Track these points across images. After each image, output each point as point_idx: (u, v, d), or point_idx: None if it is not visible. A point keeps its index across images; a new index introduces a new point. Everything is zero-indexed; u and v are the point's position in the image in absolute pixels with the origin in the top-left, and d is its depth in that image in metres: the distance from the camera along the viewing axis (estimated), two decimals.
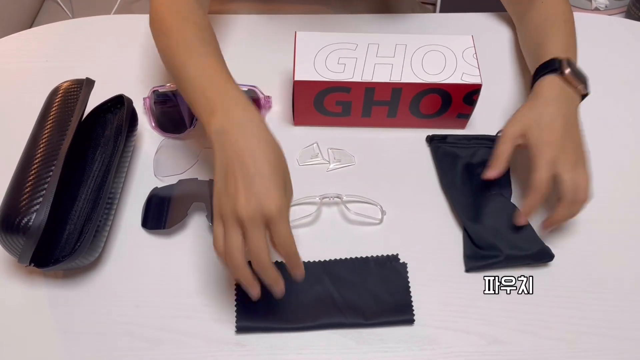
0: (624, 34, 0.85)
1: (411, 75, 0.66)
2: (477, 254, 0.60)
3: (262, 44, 0.68)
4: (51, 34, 0.84)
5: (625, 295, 0.59)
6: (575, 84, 0.63)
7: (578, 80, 0.63)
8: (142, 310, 0.57)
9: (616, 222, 0.65)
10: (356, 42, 0.69)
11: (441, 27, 0.84)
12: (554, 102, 0.62)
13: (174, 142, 0.69)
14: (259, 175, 0.47)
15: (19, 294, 0.58)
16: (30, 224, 0.52)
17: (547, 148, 0.58)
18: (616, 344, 0.56)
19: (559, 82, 0.63)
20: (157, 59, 0.79)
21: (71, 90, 0.64)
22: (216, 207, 0.48)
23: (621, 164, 0.70)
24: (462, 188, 0.65)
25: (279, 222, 0.46)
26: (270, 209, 0.46)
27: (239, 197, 0.46)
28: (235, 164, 0.47)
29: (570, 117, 0.62)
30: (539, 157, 0.58)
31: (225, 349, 0.55)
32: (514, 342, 0.56)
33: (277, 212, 0.46)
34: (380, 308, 0.56)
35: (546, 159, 0.58)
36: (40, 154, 0.57)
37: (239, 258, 0.47)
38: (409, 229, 0.63)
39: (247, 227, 0.46)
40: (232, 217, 0.46)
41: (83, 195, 0.61)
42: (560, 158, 0.58)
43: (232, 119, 0.50)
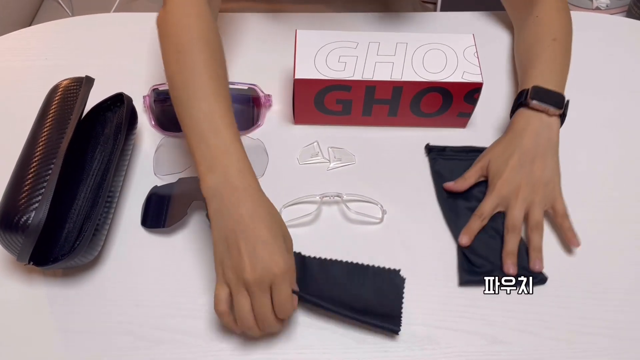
0: (625, 33, 0.85)
1: (412, 74, 0.66)
2: (472, 269, 0.60)
3: (263, 42, 0.68)
4: (51, 32, 0.83)
5: (626, 295, 0.59)
6: (544, 109, 0.64)
7: (547, 104, 0.63)
8: (141, 310, 0.57)
9: (616, 222, 0.64)
10: (357, 40, 0.69)
11: (442, 26, 0.84)
12: (520, 134, 0.64)
13: (173, 141, 0.69)
14: (261, 242, 0.49)
15: (18, 292, 0.58)
16: (29, 222, 0.52)
17: (499, 183, 0.62)
18: (617, 344, 0.56)
19: (528, 112, 0.64)
20: (157, 57, 0.78)
21: (71, 88, 0.64)
22: (219, 271, 0.50)
23: (623, 164, 0.69)
24: (457, 206, 0.64)
25: (281, 284, 0.49)
26: (275, 274, 0.48)
27: (244, 263, 0.48)
28: (237, 231, 0.49)
29: (537, 148, 0.63)
30: (489, 192, 0.63)
31: (225, 349, 0.55)
32: (514, 342, 0.56)
33: (281, 276, 0.49)
34: (369, 312, 0.55)
35: (495, 194, 0.62)
36: (40, 152, 0.57)
37: (251, 320, 0.50)
38: (410, 227, 0.63)
39: (253, 291, 0.49)
40: (238, 282, 0.49)
41: (82, 193, 0.61)
42: (511, 194, 0.62)
43: (229, 182, 0.50)
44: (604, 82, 0.78)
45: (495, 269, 0.60)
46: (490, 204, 0.62)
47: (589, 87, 0.77)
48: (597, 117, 0.74)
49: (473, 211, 0.63)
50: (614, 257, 0.62)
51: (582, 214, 0.64)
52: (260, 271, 0.48)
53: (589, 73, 0.78)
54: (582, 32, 0.72)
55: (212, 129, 0.52)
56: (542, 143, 0.63)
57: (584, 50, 0.80)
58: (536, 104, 0.63)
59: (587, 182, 0.68)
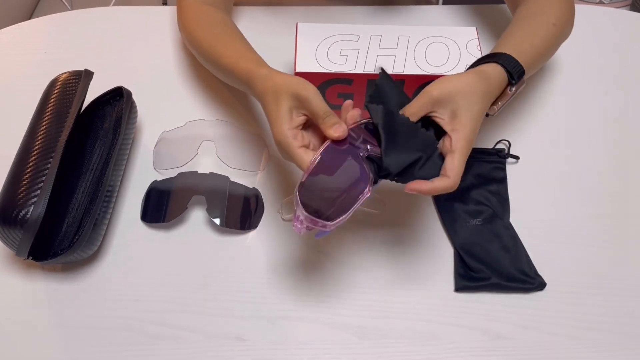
0: (629, 27, 0.84)
1: (414, 67, 0.65)
2: (468, 275, 0.59)
3: (264, 35, 0.68)
4: (50, 26, 0.83)
5: (630, 291, 0.59)
6: (512, 90, 0.57)
7: (517, 87, 0.58)
8: (141, 305, 0.57)
9: (620, 217, 0.64)
10: (358, 33, 0.68)
11: (444, 19, 0.83)
12: (489, 93, 0.55)
13: (173, 135, 0.68)
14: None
15: (17, 287, 0.58)
16: (28, 216, 0.52)
17: (460, 133, 0.51)
18: (620, 340, 0.56)
19: (502, 76, 0.56)
20: (156, 51, 0.78)
21: (69, 82, 0.63)
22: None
23: (627, 159, 0.69)
24: (454, 210, 0.63)
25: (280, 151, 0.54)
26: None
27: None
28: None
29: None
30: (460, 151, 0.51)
31: (225, 344, 0.55)
32: (517, 338, 0.55)
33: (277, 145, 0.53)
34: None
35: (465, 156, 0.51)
36: (38, 146, 0.57)
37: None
38: (411, 219, 0.63)
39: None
40: None
41: (82, 188, 0.61)
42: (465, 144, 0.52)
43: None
44: (608, 75, 0.77)
45: (493, 275, 0.58)
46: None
47: (592, 81, 0.76)
48: (601, 111, 0.73)
49: (470, 214, 0.62)
50: (618, 252, 0.61)
51: (587, 209, 0.64)
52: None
53: (592, 66, 0.78)
54: (585, 25, 0.71)
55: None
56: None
57: (587, 44, 0.80)
58: (514, 88, 0.57)
59: (591, 177, 0.67)
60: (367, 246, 0.61)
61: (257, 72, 0.57)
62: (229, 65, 0.62)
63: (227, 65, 0.62)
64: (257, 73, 0.57)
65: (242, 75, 0.59)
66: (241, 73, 0.60)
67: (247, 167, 0.66)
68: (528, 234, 0.61)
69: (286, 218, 0.63)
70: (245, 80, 0.59)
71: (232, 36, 0.66)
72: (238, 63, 0.61)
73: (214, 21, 0.68)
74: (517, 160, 0.67)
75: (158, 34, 0.80)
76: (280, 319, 0.56)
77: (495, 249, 0.60)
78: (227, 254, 0.60)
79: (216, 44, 0.65)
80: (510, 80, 0.56)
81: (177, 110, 0.71)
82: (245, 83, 0.59)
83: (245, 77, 0.59)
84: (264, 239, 0.62)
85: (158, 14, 0.83)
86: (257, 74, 0.57)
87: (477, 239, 0.61)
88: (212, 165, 0.66)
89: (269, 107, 0.54)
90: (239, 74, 0.60)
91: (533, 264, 0.59)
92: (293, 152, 0.50)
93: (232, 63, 0.61)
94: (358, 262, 0.60)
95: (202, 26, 0.68)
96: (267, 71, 0.57)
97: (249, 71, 0.58)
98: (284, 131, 0.51)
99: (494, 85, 0.55)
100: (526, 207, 0.64)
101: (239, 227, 0.62)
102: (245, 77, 0.59)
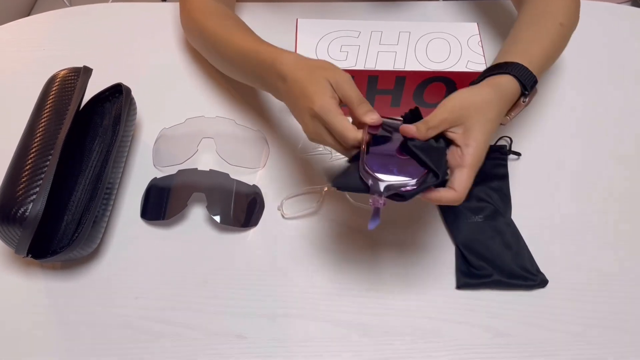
0: (632, 22, 0.83)
1: (415, 63, 0.65)
2: (470, 272, 0.59)
3: (264, 31, 0.68)
4: (49, 22, 0.82)
5: (632, 288, 0.58)
6: (524, 100, 0.58)
7: (529, 97, 0.58)
8: (141, 302, 0.57)
9: (623, 214, 0.64)
10: (359, 29, 0.68)
11: (446, 15, 0.82)
12: (503, 103, 0.55)
13: (173, 132, 0.68)
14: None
15: (16, 285, 0.58)
16: (27, 214, 0.51)
17: (472, 149, 0.50)
18: (622, 337, 0.55)
19: (515, 87, 0.56)
20: (156, 47, 0.78)
21: (68, 79, 0.63)
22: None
23: (631, 156, 0.68)
24: (459, 207, 0.62)
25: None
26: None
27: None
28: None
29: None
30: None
31: (226, 342, 0.54)
32: (519, 335, 0.55)
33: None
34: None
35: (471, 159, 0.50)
36: (37, 143, 0.56)
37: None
38: (412, 216, 0.63)
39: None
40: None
41: (81, 185, 0.61)
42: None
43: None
44: (611, 72, 0.77)
45: (495, 272, 0.58)
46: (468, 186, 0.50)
47: (595, 77, 0.76)
48: (604, 108, 0.73)
49: (472, 211, 0.62)
50: (620, 249, 0.61)
51: (589, 205, 0.63)
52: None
53: (595, 63, 0.77)
54: (588, 21, 0.70)
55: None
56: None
57: (590, 40, 0.79)
58: (527, 99, 0.58)
59: (593, 173, 0.67)
60: (368, 243, 0.61)
61: (285, 53, 0.57)
62: (252, 50, 0.60)
63: (248, 50, 0.61)
64: (287, 54, 0.57)
65: (267, 56, 0.58)
66: (266, 54, 0.58)
67: (248, 164, 0.66)
68: (530, 231, 0.61)
69: (286, 216, 0.62)
70: (271, 61, 0.57)
71: (246, 28, 0.66)
72: (261, 46, 0.60)
73: (224, 15, 0.68)
74: (519, 156, 0.67)
75: (157, 31, 0.80)
76: (281, 316, 0.56)
77: (497, 246, 0.60)
78: (227, 252, 0.60)
79: (232, 33, 0.64)
80: (523, 91, 0.56)
81: (176, 107, 0.71)
82: (270, 63, 0.57)
83: (271, 57, 0.57)
84: (265, 236, 0.61)
85: (157, 11, 0.82)
86: (286, 54, 0.57)
87: (478, 235, 0.61)
88: (212, 163, 0.66)
89: (303, 81, 0.52)
90: (262, 56, 0.58)
91: (535, 261, 0.59)
92: (338, 118, 0.49)
93: (255, 47, 0.60)
94: (359, 258, 0.60)
95: (212, 19, 0.67)
96: (297, 54, 0.57)
97: (276, 53, 0.57)
98: (327, 97, 0.50)
99: (508, 98, 0.55)
100: (528, 204, 0.64)
101: (240, 224, 0.61)
102: (272, 57, 0.57)
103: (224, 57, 0.65)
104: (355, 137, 0.49)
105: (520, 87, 0.56)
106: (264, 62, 0.58)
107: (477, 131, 0.50)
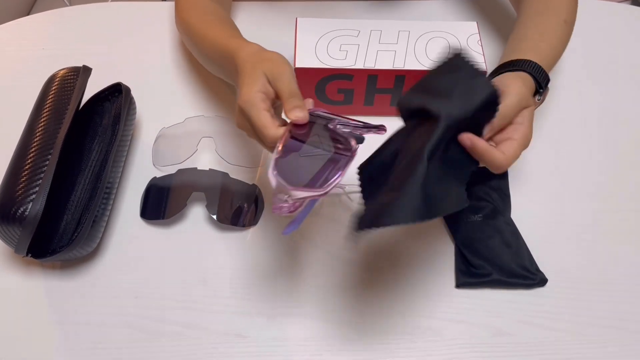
0: (632, 22, 0.83)
1: (415, 62, 0.65)
2: (469, 271, 0.59)
3: (263, 30, 0.68)
4: (48, 22, 0.82)
5: (631, 287, 0.58)
6: (537, 98, 0.59)
7: (541, 96, 0.59)
8: (141, 302, 0.57)
9: (622, 213, 0.64)
10: (358, 28, 0.68)
11: (445, 14, 0.82)
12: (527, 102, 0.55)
13: (173, 132, 0.68)
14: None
15: (16, 285, 0.58)
16: (27, 213, 0.52)
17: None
18: (622, 335, 0.55)
19: (530, 83, 0.56)
20: (155, 47, 0.78)
21: (68, 78, 0.63)
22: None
23: (631, 154, 0.68)
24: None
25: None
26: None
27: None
28: None
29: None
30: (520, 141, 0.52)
31: (225, 341, 0.54)
32: (518, 334, 0.55)
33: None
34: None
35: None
36: (37, 143, 0.56)
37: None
38: None
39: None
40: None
41: (80, 185, 0.61)
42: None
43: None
44: (610, 70, 0.77)
45: (494, 271, 0.58)
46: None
47: (594, 76, 0.76)
48: (604, 107, 0.73)
49: (471, 210, 0.62)
50: (619, 248, 0.61)
51: (590, 203, 0.63)
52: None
53: (595, 61, 0.77)
54: (588, 20, 0.70)
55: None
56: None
57: (590, 38, 0.79)
58: (542, 97, 0.58)
59: (593, 172, 0.67)
60: (367, 243, 0.61)
61: (248, 45, 0.56)
62: (221, 43, 0.59)
63: (219, 44, 0.60)
64: (248, 46, 0.56)
65: (231, 48, 0.57)
66: (230, 46, 0.57)
67: (247, 163, 0.66)
68: (529, 230, 0.61)
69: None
70: (232, 52, 0.56)
71: (224, 22, 0.65)
72: (230, 39, 0.59)
73: (208, 11, 0.68)
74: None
75: (157, 30, 0.80)
76: (281, 315, 0.56)
77: (497, 244, 0.60)
78: (226, 251, 0.60)
79: (209, 27, 0.64)
80: (537, 89, 0.56)
81: (176, 107, 0.71)
82: (232, 55, 0.56)
83: (233, 49, 0.56)
84: (264, 235, 0.61)
85: (157, 10, 0.82)
86: (247, 47, 0.55)
87: (478, 234, 0.61)
88: (211, 162, 0.66)
89: (243, 74, 0.51)
90: (228, 47, 0.57)
91: (534, 259, 0.59)
92: (259, 113, 0.48)
93: (224, 40, 0.59)
94: (358, 258, 0.60)
95: (196, 15, 0.67)
96: (258, 47, 0.56)
97: (239, 45, 0.56)
98: (254, 92, 0.49)
99: (531, 93, 0.56)
100: (527, 203, 0.64)
101: (239, 223, 0.61)
102: (234, 49, 0.56)
103: (202, 51, 0.65)
104: (274, 134, 0.47)
105: (535, 85, 0.56)
106: (227, 55, 0.57)
107: (527, 113, 0.53)
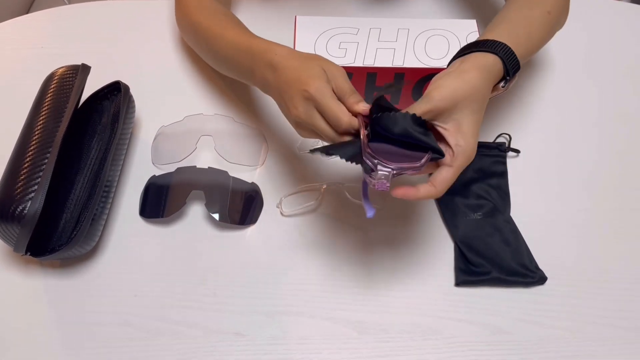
0: (632, 20, 0.83)
1: (414, 60, 0.64)
2: (469, 269, 0.58)
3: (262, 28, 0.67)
4: (47, 20, 0.82)
5: (631, 285, 0.58)
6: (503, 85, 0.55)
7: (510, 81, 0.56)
8: (140, 300, 0.57)
9: (621, 211, 0.64)
10: (357, 26, 0.68)
11: (445, 12, 0.82)
12: (486, 92, 0.53)
13: (172, 130, 0.68)
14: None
15: (15, 283, 0.58)
16: (25, 212, 0.51)
17: (463, 149, 0.49)
18: (621, 334, 0.55)
19: (498, 65, 0.53)
20: (154, 45, 0.78)
21: (66, 77, 0.63)
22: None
23: (628, 152, 0.68)
24: (455, 204, 0.63)
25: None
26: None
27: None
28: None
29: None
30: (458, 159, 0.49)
31: (224, 340, 0.54)
32: (517, 332, 0.55)
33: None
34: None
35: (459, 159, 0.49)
36: (36, 141, 0.56)
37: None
38: (411, 214, 0.63)
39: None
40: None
41: (79, 183, 0.61)
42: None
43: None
44: (609, 68, 0.76)
45: (494, 269, 0.58)
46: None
47: (593, 74, 0.75)
48: (602, 104, 0.73)
49: (471, 208, 0.62)
50: (618, 246, 0.61)
51: (586, 202, 0.63)
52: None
53: (593, 59, 0.77)
54: (587, 18, 0.70)
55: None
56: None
57: (589, 37, 0.79)
58: (507, 85, 0.55)
59: (592, 171, 0.67)
60: (367, 241, 0.61)
61: (279, 45, 0.57)
62: (244, 42, 0.60)
63: (241, 43, 0.60)
64: (280, 46, 0.56)
65: (261, 47, 0.57)
66: (259, 46, 0.58)
67: (246, 161, 0.66)
68: (528, 228, 0.61)
69: (285, 213, 0.62)
70: (263, 51, 0.56)
71: (239, 23, 0.66)
72: (253, 39, 0.60)
73: (217, 11, 0.68)
74: (518, 154, 0.67)
75: (156, 28, 0.80)
76: (280, 314, 0.56)
77: (496, 243, 0.60)
78: (226, 249, 0.60)
79: (226, 28, 0.64)
80: (505, 75, 0.54)
81: (175, 105, 0.71)
82: (261, 54, 0.56)
83: (264, 47, 0.57)
84: (263, 234, 0.61)
85: (156, 8, 0.82)
86: (278, 47, 0.56)
87: (477, 233, 0.61)
88: (210, 160, 0.66)
89: (297, 68, 0.52)
90: (257, 47, 0.58)
91: (534, 258, 0.59)
92: (334, 101, 0.49)
93: (248, 40, 0.60)
94: (358, 256, 0.60)
95: (205, 15, 0.67)
96: (289, 47, 0.57)
97: (269, 43, 0.57)
98: (325, 83, 0.50)
99: (493, 82, 0.53)
100: (527, 201, 0.64)
101: (238, 222, 0.61)
102: (264, 48, 0.57)
103: (216, 51, 0.65)
104: (349, 121, 0.49)
105: (504, 71, 0.54)
106: (255, 53, 0.57)
107: (467, 125, 0.49)
